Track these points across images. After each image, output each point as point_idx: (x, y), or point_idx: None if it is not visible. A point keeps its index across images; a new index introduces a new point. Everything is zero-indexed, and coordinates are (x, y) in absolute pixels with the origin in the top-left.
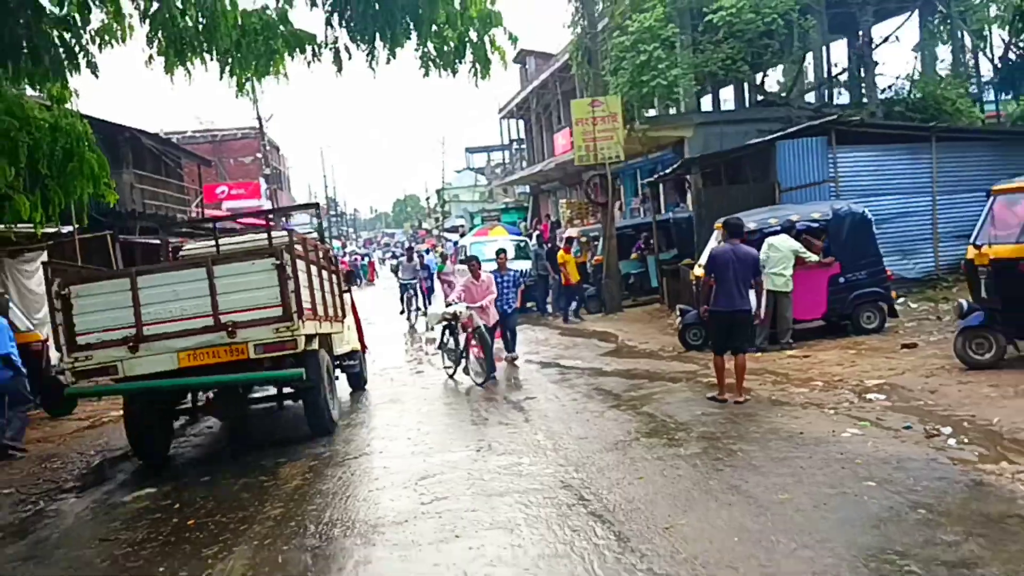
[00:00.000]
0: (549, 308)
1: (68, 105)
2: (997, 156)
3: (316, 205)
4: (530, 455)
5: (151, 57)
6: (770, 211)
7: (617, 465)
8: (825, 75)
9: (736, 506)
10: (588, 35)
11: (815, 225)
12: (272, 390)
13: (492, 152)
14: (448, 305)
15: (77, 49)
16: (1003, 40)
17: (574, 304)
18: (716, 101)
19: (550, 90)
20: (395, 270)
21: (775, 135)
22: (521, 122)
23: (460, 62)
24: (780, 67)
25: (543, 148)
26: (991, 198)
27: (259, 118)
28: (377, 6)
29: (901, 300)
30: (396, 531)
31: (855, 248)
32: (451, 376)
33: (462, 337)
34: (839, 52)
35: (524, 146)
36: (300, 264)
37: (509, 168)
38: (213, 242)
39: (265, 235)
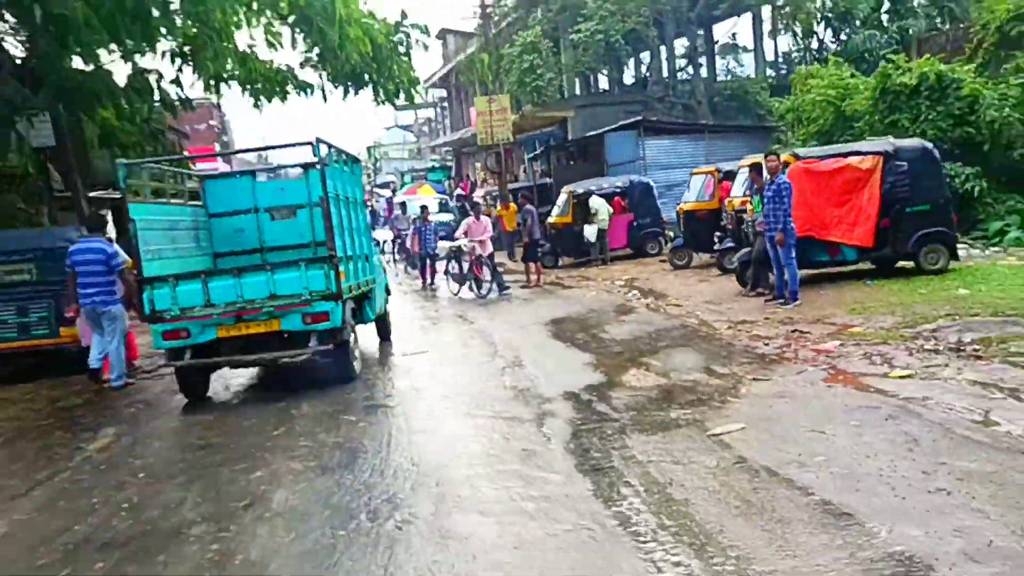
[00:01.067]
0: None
1: None
2: (740, 144)
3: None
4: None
5: (192, 84)
6: (594, 181)
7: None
8: (667, 72)
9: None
10: (487, 46)
11: (618, 190)
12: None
13: (419, 110)
14: (453, 240)
15: None
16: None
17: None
18: (594, 86)
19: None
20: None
21: (605, 129)
22: (443, 91)
23: (397, 98)
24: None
25: (463, 116)
26: (691, 176)
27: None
28: (354, 72)
29: (671, 235)
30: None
31: (643, 204)
32: (455, 294)
33: (466, 264)
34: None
35: (447, 112)
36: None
37: (435, 127)
38: None
39: None
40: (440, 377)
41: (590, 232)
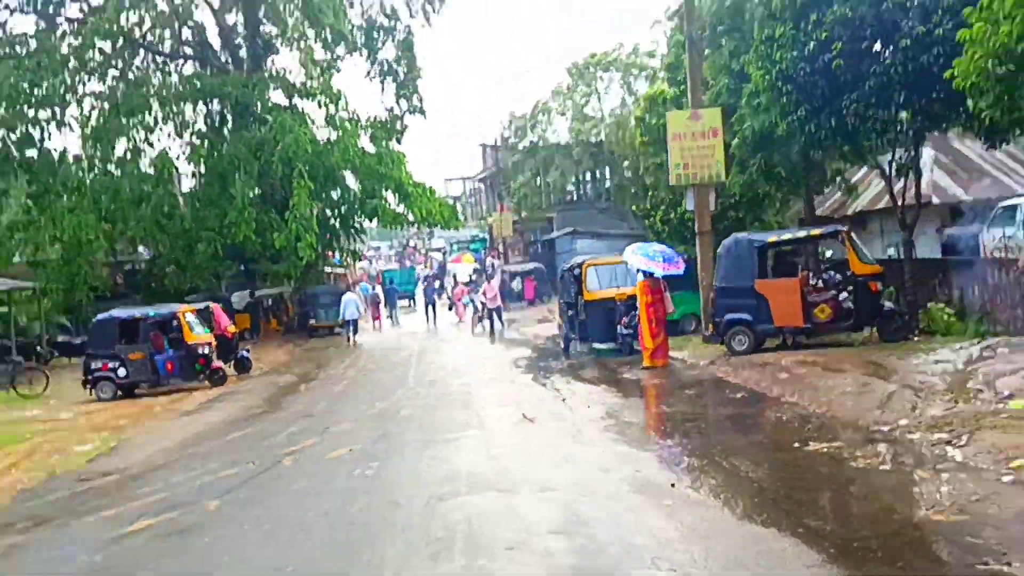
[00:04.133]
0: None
1: None
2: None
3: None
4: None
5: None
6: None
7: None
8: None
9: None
10: (497, 169)
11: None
12: None
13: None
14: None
15: None
16: None
17: None
18: (573, 192)
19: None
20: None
21: (555, 234)
22: (481, 184)
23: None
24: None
25: (494, 204)
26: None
27: None
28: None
29: None
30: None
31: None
32: (472, 331)
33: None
34: None
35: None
36: None
37: (476, 203)
38: None
39: None
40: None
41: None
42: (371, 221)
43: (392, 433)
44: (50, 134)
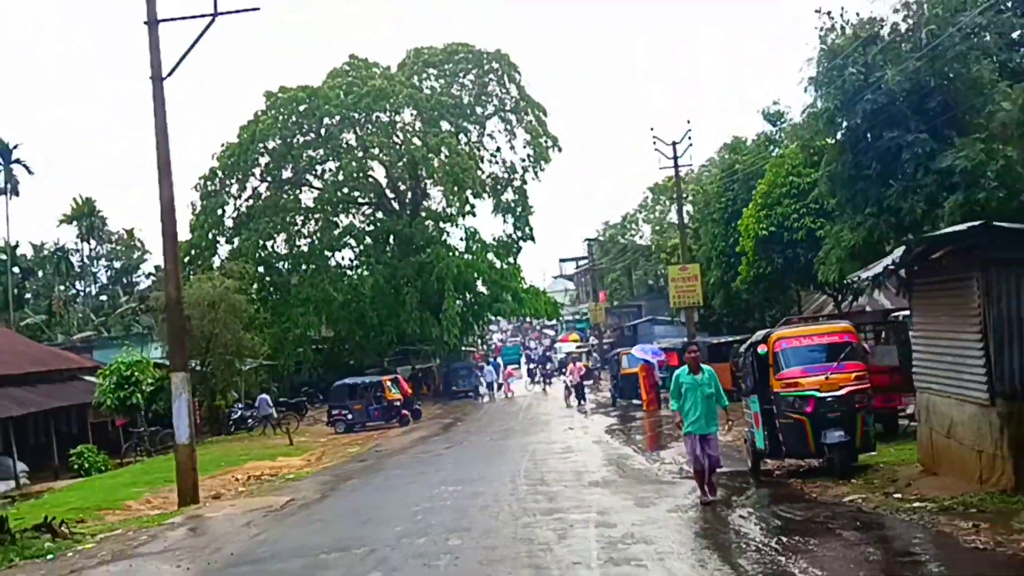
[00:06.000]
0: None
1: None
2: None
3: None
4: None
5: None
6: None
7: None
8: None
9: None
10: (592, 266)
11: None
12: None
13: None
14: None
15: None
16: None
17: None
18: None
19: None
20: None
21: (635, 321)
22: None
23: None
24: None
25: (595, 291)
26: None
27: None
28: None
29: None
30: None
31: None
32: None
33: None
34: None
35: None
36: None
37: (586, 279)
38: None
39: None
40: None
41: None
42: (495, 317)
43: (514, 430)
44: (285, 262)
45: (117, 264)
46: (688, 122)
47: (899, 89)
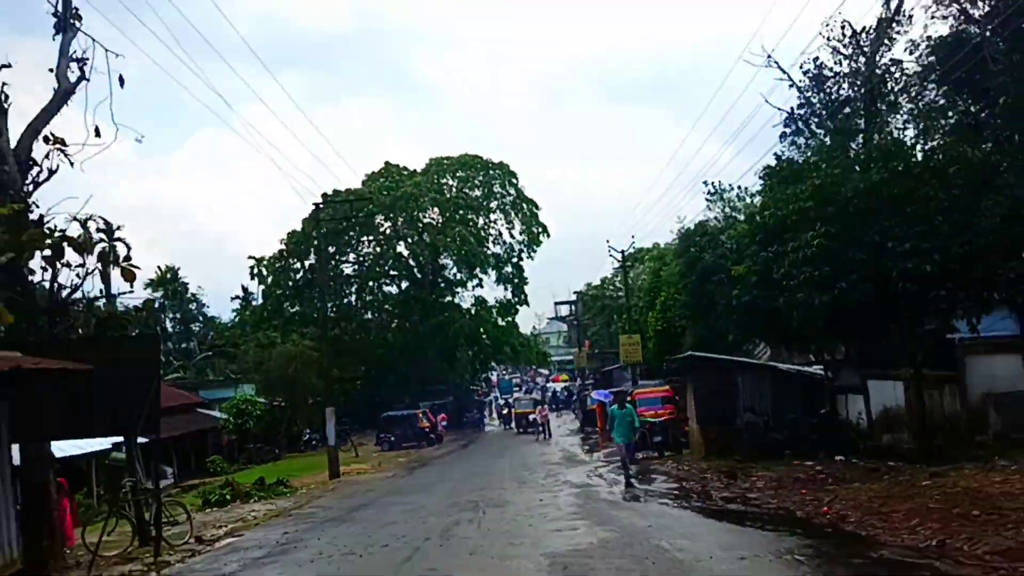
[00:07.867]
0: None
1: None
2: None
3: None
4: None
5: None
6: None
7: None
8: None
9: None
10: (577, 321)
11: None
12: None
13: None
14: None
15: None
16: None
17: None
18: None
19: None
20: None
21: (607, 368)
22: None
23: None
24: None
25: (581, 338)
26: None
27: None
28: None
29: None
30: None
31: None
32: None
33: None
34: None
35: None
36: None
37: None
38: None
39: None
40: None
41: None
42: (498, 364)
43: (512, 445)
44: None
45: (178, 314)
46: (632, 237)
47: (712, 263)
